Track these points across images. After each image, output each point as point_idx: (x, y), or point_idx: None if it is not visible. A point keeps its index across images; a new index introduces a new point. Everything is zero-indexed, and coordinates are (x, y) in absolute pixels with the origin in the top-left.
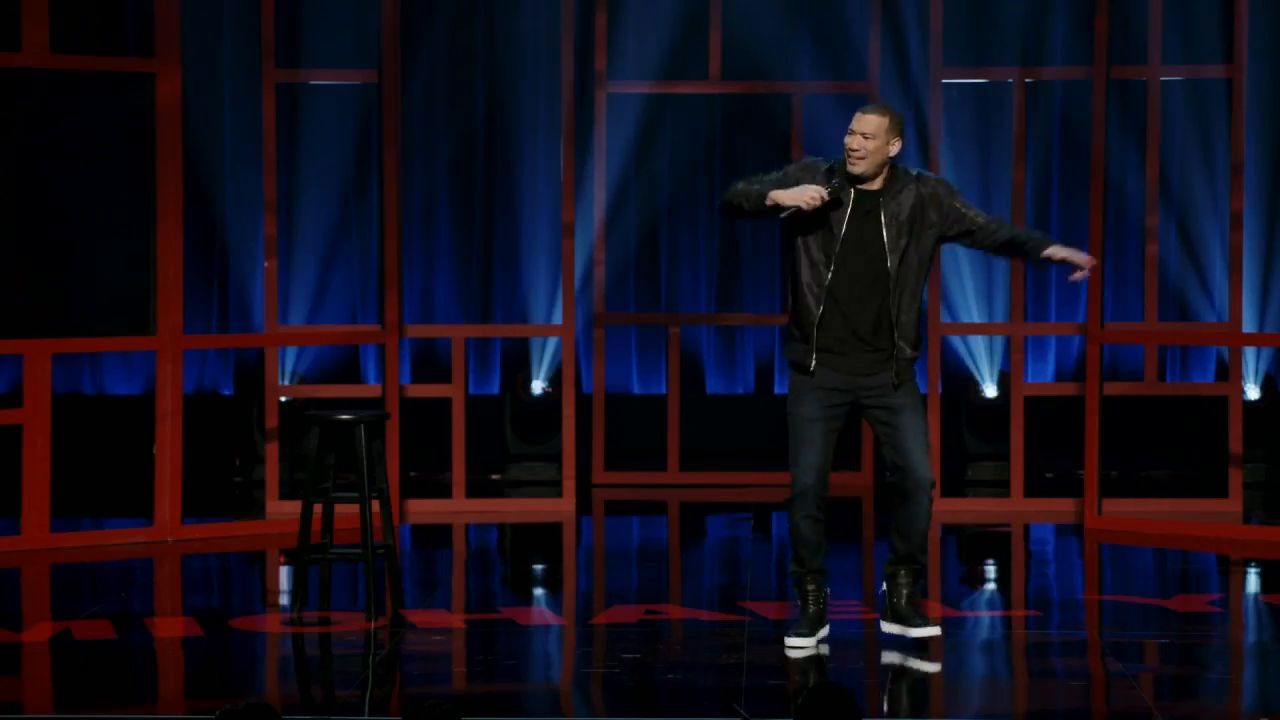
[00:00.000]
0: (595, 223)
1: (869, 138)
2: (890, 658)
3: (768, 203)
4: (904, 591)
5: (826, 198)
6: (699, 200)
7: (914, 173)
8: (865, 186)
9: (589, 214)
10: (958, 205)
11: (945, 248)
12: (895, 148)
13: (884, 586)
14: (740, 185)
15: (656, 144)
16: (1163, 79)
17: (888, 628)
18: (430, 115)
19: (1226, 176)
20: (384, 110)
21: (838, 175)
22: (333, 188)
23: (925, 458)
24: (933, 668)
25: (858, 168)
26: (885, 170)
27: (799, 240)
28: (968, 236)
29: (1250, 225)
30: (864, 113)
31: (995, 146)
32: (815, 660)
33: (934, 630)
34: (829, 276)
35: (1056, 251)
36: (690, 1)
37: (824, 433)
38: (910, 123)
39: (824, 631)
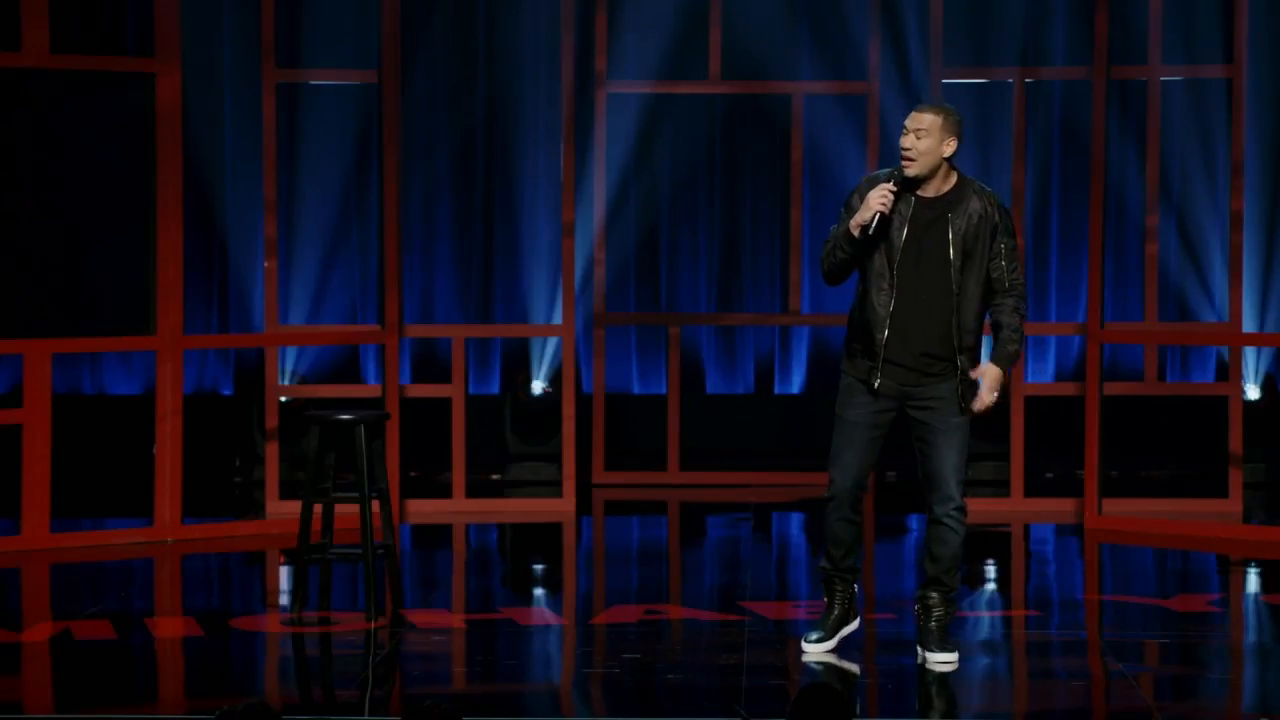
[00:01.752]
0: (595, 223)
1: (922, 136)
2: (889, 656)
3: (855, 234)
4: (934, 613)
5: (895, 188)
6: (699, 200)
7: (985, 189)
8: (925, 194)
9: (589, 214)
10: (1002, 248)
11: None
12: (950, 148)
13: (915, 608)
14: (825, 246)
15: (656, 144)
16: (1163, 79)
17: (922, 658)
18: (430, 115)
19: (1226, 176)
20: (384, 110)
21: (896, 175)
22: (333, 188)
23: (958, 483)
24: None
25: (911, 169)
26: (944, 175)
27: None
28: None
29: (1250, 225)
30: (917, 110)
31: (995, 146)
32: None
33: (951, 657)
34: (892, 290)
35: (987, 371)
36: (690, 1)
37: (868, 439)
38: None
39: (851, 627)
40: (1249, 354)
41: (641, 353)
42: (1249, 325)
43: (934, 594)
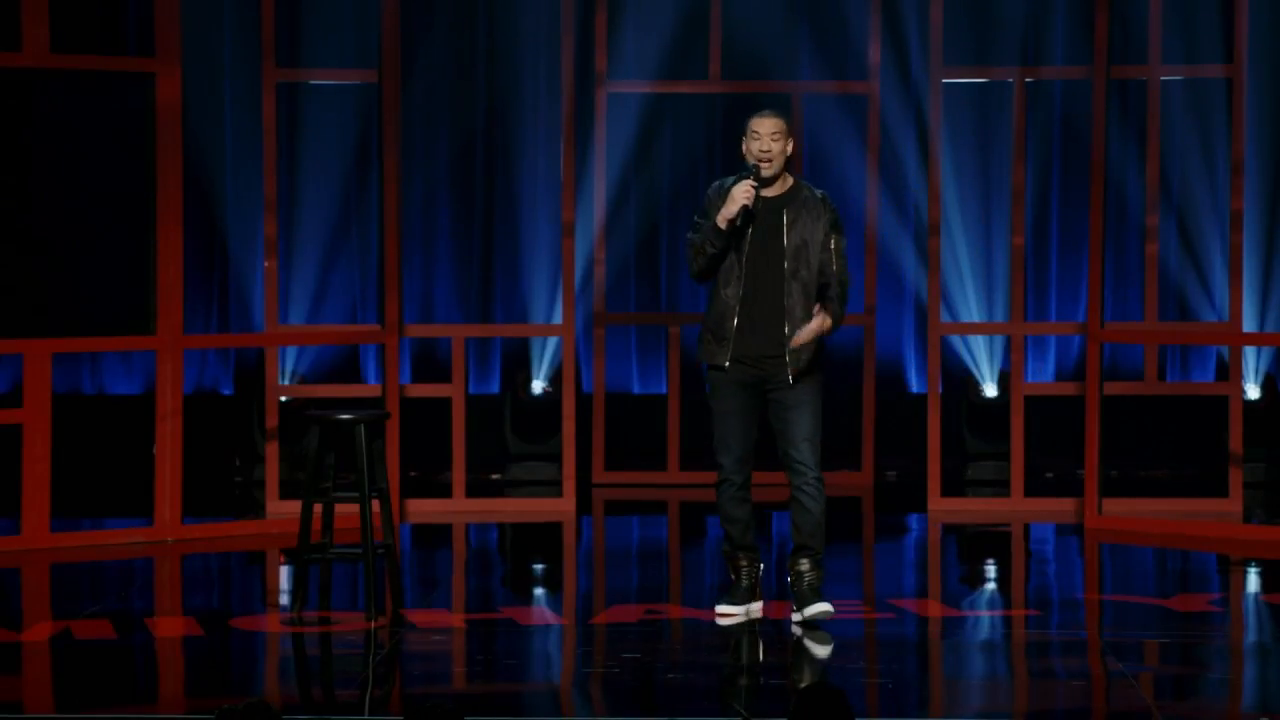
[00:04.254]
0: (595, 222)
1: (776, 139)
2: (889, 656)
3: (724, 227)
4: (805, 578)
5: (755, 182)
6: (699, 200)
7: (817, 192)
8: (768, 194)
9: (589, 214)
10: (833, 246)
11: (945, 247)
12: (791, 148)
13: (788, 577)
14: (691, 248)
15: (656, 144)
16: (1163, 79)
17: (795, 618)
18: (430, 115)
19: (1226, 176)
20: (384, 110)
21: (751, 174)
22: (333, 188)
23: (813, 454)
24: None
25: (768, 169)
26: (784, 175)
27: None
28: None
29: (1250, 225)
30: (764, 117)
31: (995, 146)
32: (814, 659)
33: (825, 606)
34: (740, 282)
35: (818, 311)
36: (690, 1)
37: (744, 424)
38: (910, 122)
39: (757, 606)
40: (1249, 354)
41: (641, 352)
42: (1249, 325)
43: (804, 560)
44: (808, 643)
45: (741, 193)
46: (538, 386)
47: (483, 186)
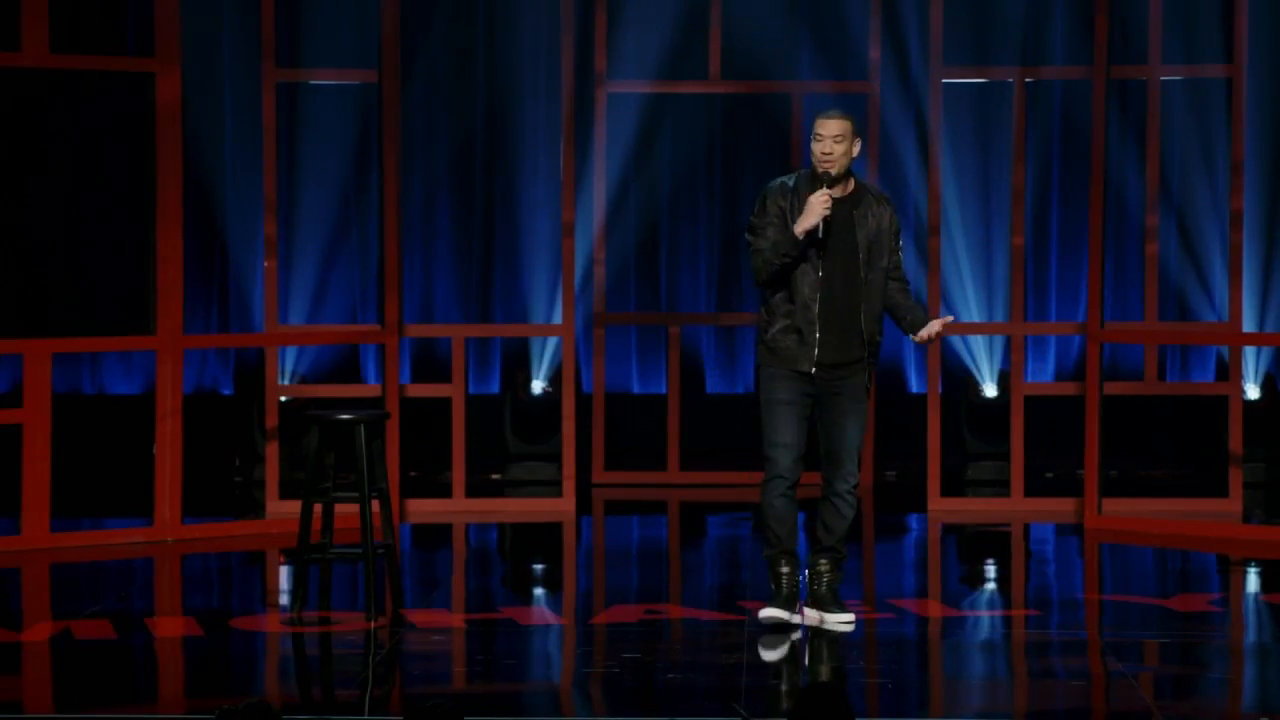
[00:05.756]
0: (595, 222)
1: (839, 140)
2: (889, 656)
3: (800, 237)
4: (824, 579)
5: (832, 195)
6: (699, 200)
7: (878, 190)
8: (833, 194)
9: (589, 214)
10: (894, 245)
11: (945, 247)
12: (857, 149)
13: (806, 574)
14: (760, 256)
15: (656, 144)
16: (1163, 79)
17: (808, 613)
18: (430, 115)
19: (1226, 176)
20: (384, 110)
21: (820, 181)
22: (333, 188)
23: (856, 462)
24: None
25: (834, 169)
26: (847, 176)
27: None
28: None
29: (1250, 225)
30: (828, 118)
31: (995, 146)
32: (815, 660)
33: (849, 618)
34: (818, 283)
35: (926, 331)
36: (690, 1)
37: (799, 416)
38: (910, 123)
39: (797, 618)
40: (1249, 354)
41: (641, 353)
42: (1249, 325)
43: (824, 560)
44: (808, 643)
45: (820, 203)
46: (538, 386)
47: (483, 186)
